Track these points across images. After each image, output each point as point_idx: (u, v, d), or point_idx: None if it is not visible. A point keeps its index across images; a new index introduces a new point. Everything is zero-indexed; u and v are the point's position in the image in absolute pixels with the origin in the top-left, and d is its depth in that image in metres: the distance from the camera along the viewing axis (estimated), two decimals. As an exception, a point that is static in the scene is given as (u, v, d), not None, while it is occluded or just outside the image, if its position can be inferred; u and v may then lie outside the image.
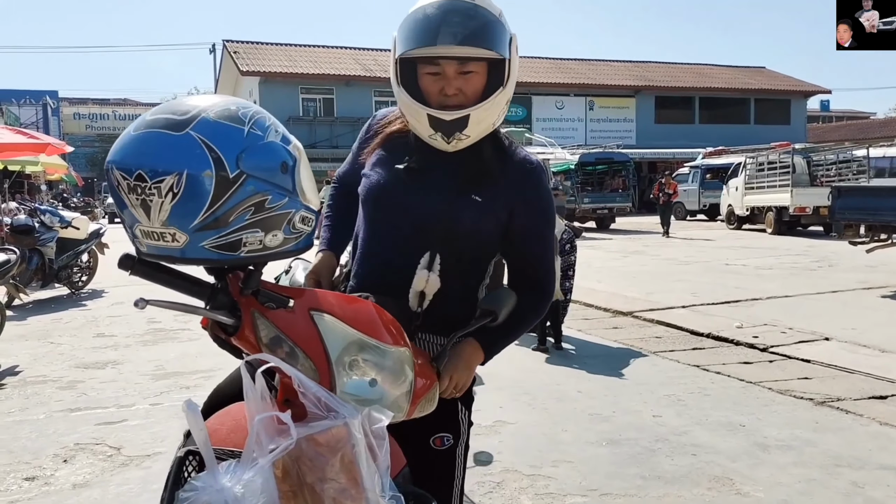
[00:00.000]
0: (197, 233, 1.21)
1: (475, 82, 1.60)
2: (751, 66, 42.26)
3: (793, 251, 13.61)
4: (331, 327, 1.33)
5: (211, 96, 1.30)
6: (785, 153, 18.46)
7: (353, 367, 1.33)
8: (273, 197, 1.26)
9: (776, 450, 3.74)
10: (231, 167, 1.20)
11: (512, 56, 1.61)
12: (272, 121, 1.31)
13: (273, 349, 1.31)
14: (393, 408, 1.36)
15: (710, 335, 6.42)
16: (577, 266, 6.75)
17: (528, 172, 1.71)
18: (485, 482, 3.38)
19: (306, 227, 1.36)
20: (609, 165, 22.97)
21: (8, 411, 4.60)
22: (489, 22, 1.56)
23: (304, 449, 1.19)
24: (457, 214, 1.63)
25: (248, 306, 1.33)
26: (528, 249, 1.76)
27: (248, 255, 1.27)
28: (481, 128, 1.63)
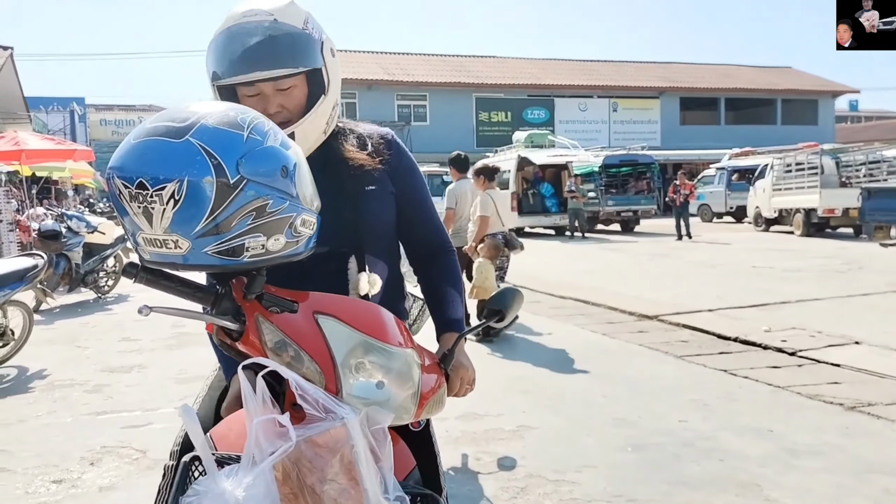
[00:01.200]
0: (199, 239, 1.21)
1: (296, 96, 1.61)
2: (777, 65, 41.82)
3: (822, 254, 13.41)
4: (336, 330, 1.34)
5: (210, 102, 1.30)
6: (813, 154, 18.21)
7: (360, 369, 1.33)
8: (274, 201, 1.26)
9: (805, 456, 3.68)
10: (231, 173, 1.19)
11: (327, 61, 1.61)
12: (271, 125, 1.31)
13: (278, 353, 1.32)
14: (400, 410, 1.37)
15: (737, 339, 6.33)
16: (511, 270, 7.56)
17: (390, 143, 1.76)
18: (509, 487, 3.36)
19: (308, 230, 1.36)
20: (633, 167, 22.80)
21: (36, 415, 4.66)
22: (293, 35, 1.56)
23: (304, 451, 1.18)
24: (366, 210, 1.65)
25: (252, 311, 1.33)
26: (421, 215, 1.81)
27: (251, 260, 1.27)
28: (312, 139, 1.63)
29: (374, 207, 1.68)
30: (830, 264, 11.63)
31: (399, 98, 33.59)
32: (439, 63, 36.43)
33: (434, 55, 37.80)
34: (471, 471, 3.61)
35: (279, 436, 1.19)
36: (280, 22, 1.56)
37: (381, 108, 33.00)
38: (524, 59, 38.71)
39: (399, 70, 34.33)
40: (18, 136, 15.14)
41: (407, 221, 1.79)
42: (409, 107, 33.81)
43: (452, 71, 35.35)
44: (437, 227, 1.86)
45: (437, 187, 21.37)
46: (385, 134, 1.78)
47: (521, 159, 21.82)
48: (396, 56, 36.66)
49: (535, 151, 22.86)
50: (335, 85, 1.65)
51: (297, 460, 1.18)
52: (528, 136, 24.38)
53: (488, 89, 34.62)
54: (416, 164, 1.83)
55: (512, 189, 21.32)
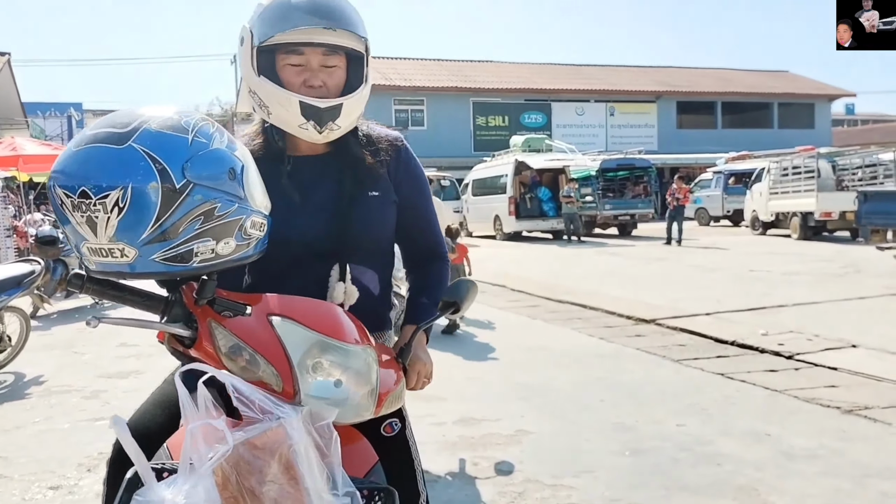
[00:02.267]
0: (146, 246, 1.19)
1: (338, 76, 1.60)
2: (774, 69, 41.91)
3: (819, 257, 13.43)
4: (291, 331, 1.32)
5: (154, 107, 1.27)
6: (810, 157, 18.24)
7: (318, 369, 1.32)
8: (222, 204, 1.24)
9: (803, 459, 3.68)
10: (177, 177, 1.17)
11: (369, 51, 1.62)
12: (216, 127, 1.29)
13: (232, 358, 1.30)
14: (359, 407, 1.36)
15: (734, 343, 6.34)
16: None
17: (399, 149, 1.74)
18: (506, 492, 3.36)
19: (258, 231, 1.35)
20: (630, 171, 22.82)
21: (33, 421, 4.65)
22: (353, 9, 1.57)
23: (242, 454, 1.17)
24: (362, 218, 1.64)
25: (204, 316, 1.32)
26: (420, 222, 1.80)
27: (201, 265, 1.25)
28: (350, 119, 1.61)
29: (369, 215, 1.65)
30: (827, 268, 11.65)
31: (396, 103, 33.59)
32: (436, 68, 36.47)
33: (431, 60, 37.84)
34: (468, 476, 3.60)
35: (217, 440, 1.18)
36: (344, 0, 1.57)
37: (379, 112, 32.98)
38: (521, 63, 38.77)
39: (396, 75, 34.34)
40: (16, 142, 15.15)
41: (406, 228, 1.78)
42: (406, 111, 33.83)
43: (450, 75, 35.38)
44: (436, 235, 1.85)
45: (435, 192, 21.39)
46: (396, 139, 1.76)
47: (518, 164, 21.85)
48: (394, 61, 36.67)
49: (532, 156, 22.89)
50: (371, 79, 1.64)
51: (236, 464, 1.17)
52: (525, 141, 24.41)
53: (485, 94, 34.65)
54: (423, 171, 1.82)
55: (509, 193, 21.36)
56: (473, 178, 24.36)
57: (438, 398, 4.90)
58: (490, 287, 10.98)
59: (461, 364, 6.03)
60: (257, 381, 1.29)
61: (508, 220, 21.45)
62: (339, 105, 1.56)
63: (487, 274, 12.56)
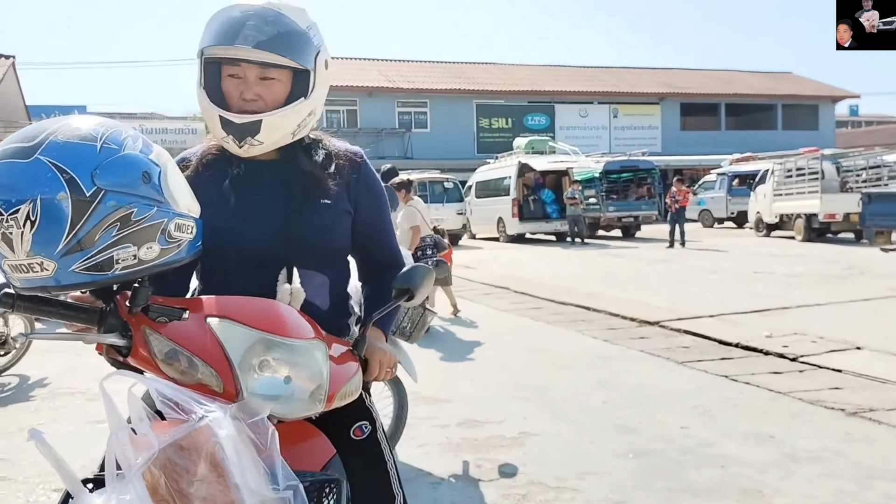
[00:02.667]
0: (64, 258, 1.18)
1: (277, 90, 1.59)
2: (777, 71, 41.86)
3: (823, 258, 13.40)
4: (230, 331, 1.32)
5: (63, 118, 1.27)
6: (814, 159, 18.20)
7: (265, 366, 1.32)
8: (139, 209, 1.23)
9: (806, 461, 3.67)
10: (87, 186, 1.17)
11: (318, 69, 1.61)
12: (130, 133, 1.29)
13: (170, 363, 1.30)
14: (311, 401, 1.36)
15: (738, 345, 6.33)
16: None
17: (360, 165, 1.76)
18: (510, 494, 3.36)
19: (186, 234, 1.34)
20: (634, 173, 22.81)
21: (37, 423, 4.66)
22: (292, 31, 1.55)
23: (170, 456, 1.16)
24: (311, 223, 1.64)
25: (138, 324, 1.31)
26: (378, 236, 1.82)
27: (124, 272, 1.24)
28: (276, 135, 1.60)
29: (319, 221, 1.66)
30: (831, 269, 11.63)
31: (400, 105, 33.62)
32: (440, 70, 36.50)
33: (434, 62, 37.88)
34: (472, 478, 3.60)
35: (143, 445, 1.17)
36: (283, 15, 1.56)
37: (382, 114, 33.04)
38: (525, 65, 38.78)
39: (400, 77, 34.37)
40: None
41: (362, 241, 1.79)
42: (409, 114, 33.85)
43: (453, 77, 35.40)
44: (393, 250, 1.87)
45: (439, 194, 21.39)
46: (355, 153, 1.78)
47: (521, 165, 21.84)
48: (397, 63, 36.72)
49: (535, 158, 22.89)
50: (319, 94, 1.64)
51: (164, 466, 1.16)
52: (528, 143, 24.41)
53: (489, 96, 34.67)
54: (382, 186, 1.83)
55: (513, 195, 21.36)
56: (477, 181, 24.36)
57: (441, 400, 4.91)
58: (493, 289, 10.99)
59: (464, 366, 6.03)
60: (197, 385, 1.29)
61: (512, 223, 21.45)
62: (259, 121, 1.56)
63: (491, 276, 12.57)
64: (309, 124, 1.66)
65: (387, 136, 32.89)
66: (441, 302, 8.30)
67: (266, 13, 1.54)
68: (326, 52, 1.65)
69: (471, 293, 10.65)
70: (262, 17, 1.53)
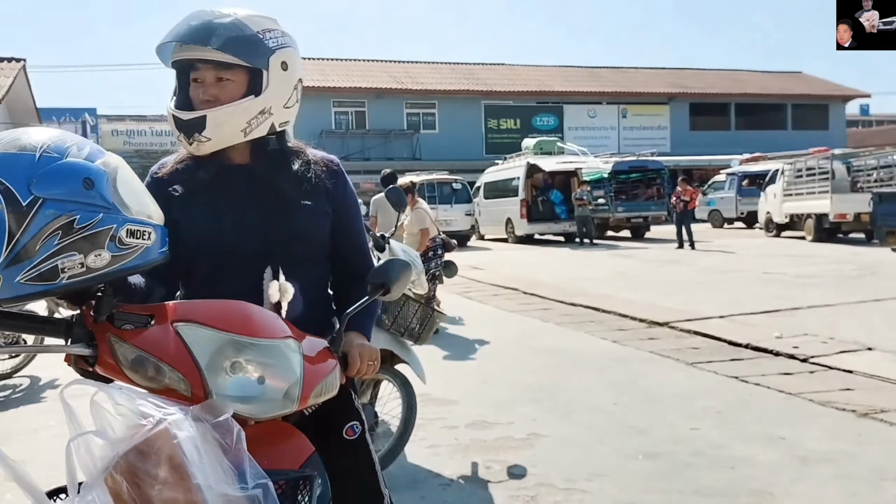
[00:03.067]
0: (6, 270, 1.17)
1: (231, 90, 1.63)
2: (787, 70, 41.68)
3: (833, 259, 13.33)
4: (197, 335, 1.31)
5: (11, 131, 1.26)
6: (824, 159, 18.09)
7: (237, 368, 1.31)
8: (81, 216, 1.21)
9: (818, 463, 3.65)
10: (22, 195, 1.16)
11: (272, 69, 1.64)
12: (75, 141, 1.28)
13: (136, 370, 1.29)
14: (284, 399, 1.35)
15: (749, 346, 6.30)
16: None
17: (336, 172, 1.80)
18: (519, 496, 3.36)
19: (140, 240, 1.32)
20: (643, 173, 22.74)
21: (48, 424, 4.68)
22: (241, 32, 1.60)
23: (132, 460, 1.16)
24: (292, 223, 1.68)
25: (103, 333, 1.31)
26: (352, 242, 1.84)
27: (72, 281, 1.22)
28: (223, 131, 1.63)
29: (299, 221, 1.70)
30: (842, 270, 11.56)
31: (408, 106, 33.64)
32: (448, 71, 36.51)
33: (443, 63, 37.88)
34: (481, 479, 3.60)
35: (102, 451, 1.17)
36: (237, 18, 1.62)
37: (390, 116, 33.07)
38: (533, 66, 38.73)
39: (408, 78, 34.40)
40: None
41: (339, 246, 1.81)
42: (417, 115, 33.87)
43: (461, 78, 35.41)
44: (366, 257, 1.89)
45: (447, 196, 21.40)
46: (331, 161, 1.82)
47: (530, 166, 21.82)
48: (405, 64, 36.73)
49: (544, 158, 22.85)
50: (273, 94, 1.65)
51: (126, 472, 1.16)
52: (537, 143, 24.36)
53: (497, 97, 34.65)
54: (356, 195, 1.88)
55: (521, 196, 21.34)
56: (485, 181, 24.35)
57: (450, 401, 4.91)
58: (502, 290, 10.98)
59: (472, 367, 6.03)
60: (165, 390, 1.29)
61: (520, 223, 21.43)
62: (202, 116, 1.60)
63: (499, 277, 12.56)
64: (263, 123, 1.67)
65: (395, 138, 32.91)
66: (447, 303, 8.30)
67: (218, 14, 1.61)
68: (288, 56, 1.67)
69: (479, 294, 10.65)
70: (213, 20, 1.60)
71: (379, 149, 32.08)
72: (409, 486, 3.51)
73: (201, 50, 1.59)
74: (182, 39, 1.59)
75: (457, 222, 21.26)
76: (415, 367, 3.78)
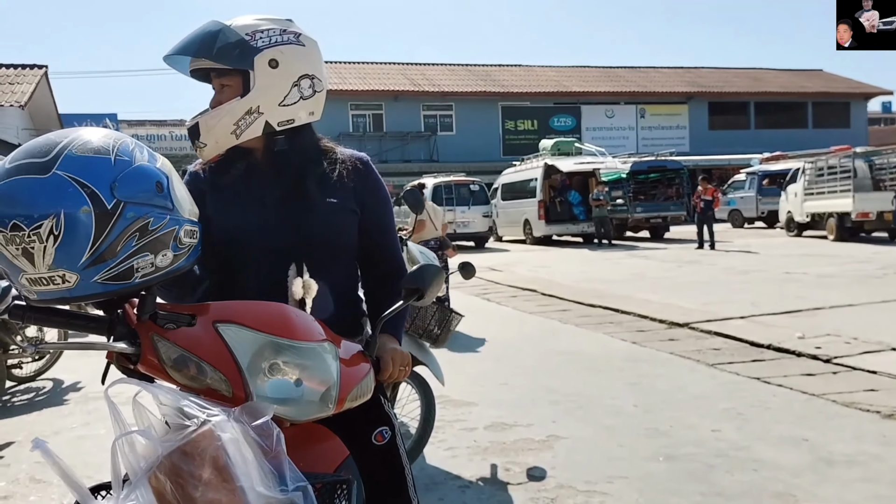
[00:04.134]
0: (86, 270, 1.20)
1: (228, 95, 1.70)
2: (808, 69, 41.27)
3: (856, 258, 13.18)
4: (238, 336, 1.33)
5: (69, 130, 1.28)
6: (846, 157, 17.90)
7: (275, 370, 1.32)
8: (155, 218, 1.26)
9: (842, 465, 3.60)
10: (107, 199, 1.18)
11: (258, 69, 1.66)
12: (135, 143, 1.31)
13: (179, 369, 1.31)
14: (321, 402, 1.36)
15: (770, 346, 6.24)
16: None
17: (364, 171, 1.81)
18: (538, 498, 3.34)
19: (192, 240, 1.37)
20: (662, 173, 22.61)
21: (70, 427, 4.73)
22: (226, 38, 1.65)
23: (176, 461, 1.16)
24: (317, 220, 1.69)
25: (146, 331, 1.32)
26: (381, 240, 1.84)
27: (143, 280, 1.27)
28: (215, 135, 1.69)
29: (324, 218, 1.71)
30: (865, 269, 11.43)
31: (425, 108, 33.69)
32: (465, 73, 36.52)
33: (459, 65, 37.90)
34: (500, 481, 3.59)
35: (148, 452, 1.18)
36: (224, 26, 1.67)
37: (408, 118, 33.13)
38: (550, 67, 38.65)
39: (425, 80, 34.45)
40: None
41: (367, 245, 1.82)
42: (435, 117, 33.91)
43: (478, 80, 35.41)
44: (398, 258, 1.89)
45: (465, 197, 21.39)
46: (360, 158, 1.82)
47: (547, 167, 21.78)
48: (422, 66, 36.79)
49: (561, 159, 22.80)
50: (260, 93, 1.67)
51: (169, 472, 1.16)
52: (554, 144, 24.32)
53: (514, 98, 34.62)
54: (388, 192, 1.88)
55: (539, 197, 21.29)
56: (503, 183, 24.33)
57: (469, 403, 4.90)
58: (520, 291, 10.96)
59: (491, 369, 6.01)
60: (206, 390, 1.30)
61: (538, 225, 21.38)
62: (197, 124, 1.69)
63: (517, 278, 12.53)
64: (253, 124, 1.68)
65: (412, 140, 32.97)
66: (465, 305, 8.29)
67: (211, 26, 1.67)
68: (279, 55, 1.68)
69: (497, 296, 10.63)
70: (205, 30, 1.66)
71: (396, 151, 32.15)
72: (427, 488, 3.51)
73: (198, 60, 1.68)
74: (180, 52, 1.67)
75: (474, 224, 21.25)
76: (433, 369, 3.77)
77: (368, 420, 1.63)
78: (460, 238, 21.68)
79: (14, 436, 4.67)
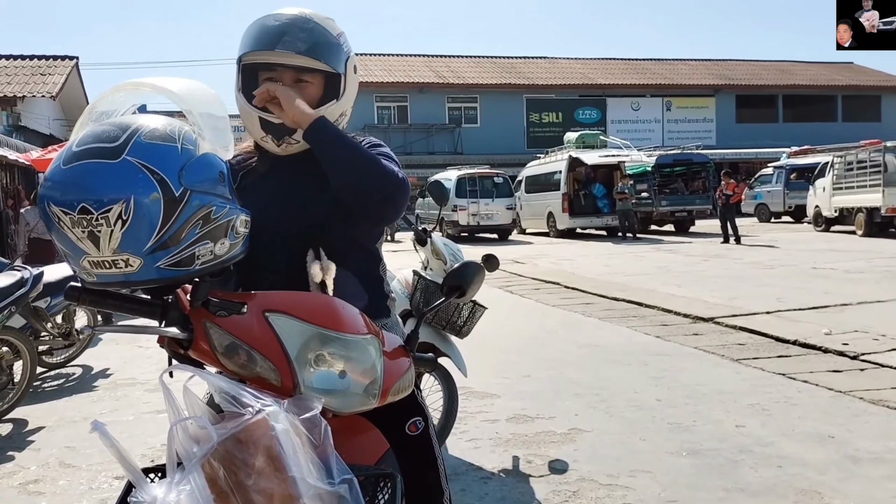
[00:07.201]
0: (151, 255, 1.21)
1: (310, 92, 1.68)
2: (837, 61, 40.63)
3: (885, 254, 12.98)
4: (287, 326, 1.34)
5: (135, 117, 1.29)
6: (876, 151, 17.63)
7: (320, 361, 1.34)
8: (216, 207, 1.28)
9: (868, 463, 3.57)
10: (175, 186, 1.20)
11: (347, 73, 1.70)
12: (198, 132, 1.32)
13: (230, 356, 1.32)
14: (365, 395, 1.38)
15: (796, 342, 6.17)
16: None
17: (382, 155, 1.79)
18: (560, 491, 3.34)
19: (245, 229, 1.40)
20: (688, 167, 22.43)
21: (99, 413, 4.81)
22: (326, 38, 1.67)
23: (229, 448, 1.18)
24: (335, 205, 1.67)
25: (199, 318, 1.33)
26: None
27: (202, 267, 1.29)
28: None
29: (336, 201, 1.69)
30: (894, 265, 11.25)
31: (450, 100, 33.68)
32: (490, 65, 36.43)
33: (484, 57, 37.81)
34: (522, 473, 3.60)
35: (202, 438, 1.19)
36: (317, 23, 1.67)
37: (432, 110, 33.14)
38: (575, 59, 38.44)
39: (450, 72, 34.42)
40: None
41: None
42: (459, 109, 33.89)
43: (503, 72, 35.30)
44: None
45: (489, 189, 21.38)
46: (378, 145, 1.82)
47: (572, 160, 21.69)
48: (447, 59, 36.75)
49: (586, 152, 22.69)
50: (349, 97, 1.74)
51: (223, 459, 1.18)
52: (579, 137, 24.20)
53: (539, 90, 34.48)
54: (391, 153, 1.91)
55: (563, 190, 21.22)
56: (527, 175, 24.28)
57: (491, 395, 4.91)
58: (543, 284, 10.93)
59: (514, 361, 6.02)
60: (255, 378, 1.31)
61: (562, 217, 21.31)
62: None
63: (541, 271, 12.51)
64: (339, 125, 1.72)
65: (437, 132, 32.97)
66: (489, 297, 8.29)
67: (301, 22, 1.65)
68: (355, 60, 1.77)
69: (520, 288, 10.62)
70: (297, 26, 1.64)
71: (421, 143, 32.18)
72: (449, 479, 3.50)
73: (285, 55, 1.63)
74: (271, 47, 1.62)
75: (498, 216, 21.24)
76: (456, 360, 3.79)
77: (402, 409, 1.63)
78: (484, 230, 21.69)
79: (45, 421, 4.76)
